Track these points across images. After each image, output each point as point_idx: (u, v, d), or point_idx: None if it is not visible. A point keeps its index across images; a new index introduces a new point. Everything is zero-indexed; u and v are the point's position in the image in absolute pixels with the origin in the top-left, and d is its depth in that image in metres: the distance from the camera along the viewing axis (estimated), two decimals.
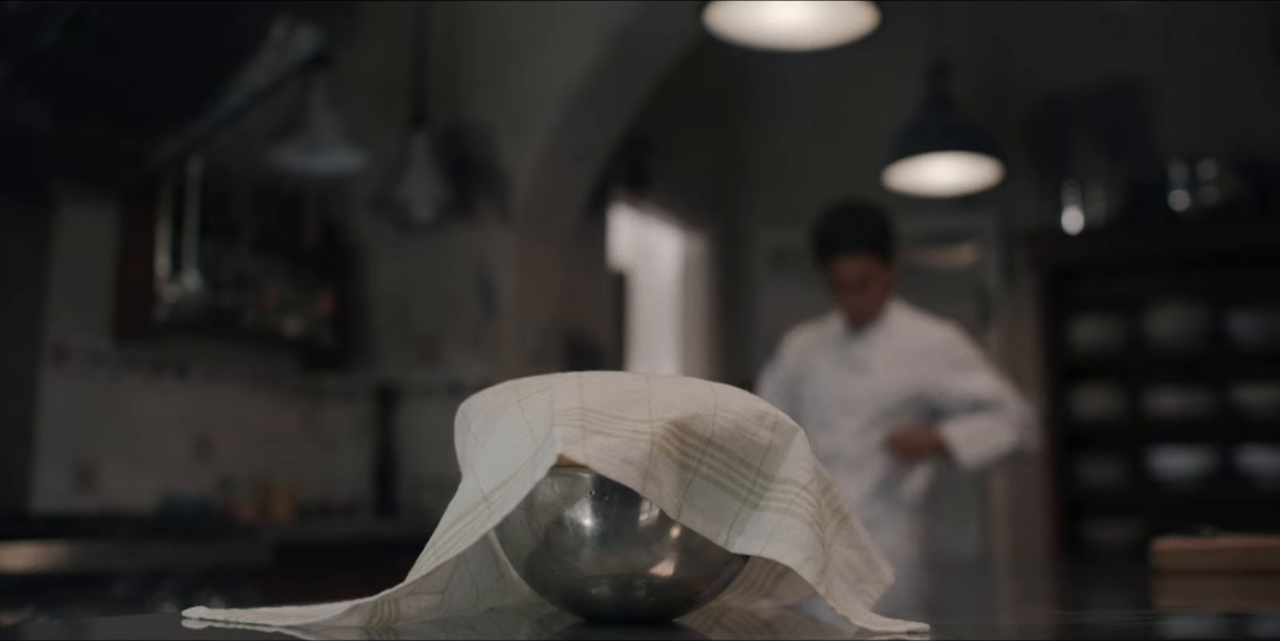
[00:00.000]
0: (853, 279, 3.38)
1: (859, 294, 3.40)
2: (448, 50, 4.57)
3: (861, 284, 3.40)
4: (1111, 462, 5.40)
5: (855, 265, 3.37)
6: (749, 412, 0.89)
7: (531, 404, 0.88)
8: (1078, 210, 5.53)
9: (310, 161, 3.96)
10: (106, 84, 3.08)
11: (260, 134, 3.92)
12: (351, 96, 4.07)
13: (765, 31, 3.29)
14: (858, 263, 3.37)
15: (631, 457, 0.81)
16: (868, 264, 3.37)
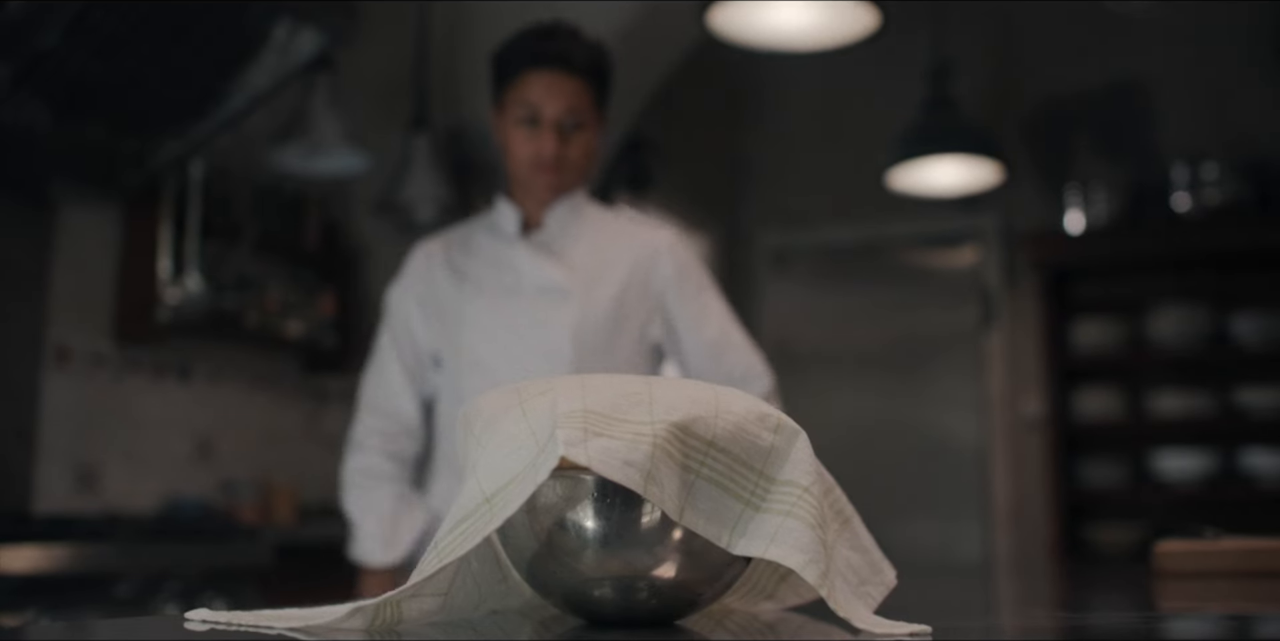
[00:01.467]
0: (556, 110, 2.22)
1: (559, 141, 2.23)
2: (449, 51, 4.57)
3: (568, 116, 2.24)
4: (1113, 464, 5.40)
5: (563, 86, 2.22)
6: (751, 414, 0.89)
7: (533, 406, 0.88)
8: (1079, 211, 5.53)
9: (312, 163, 3.96)
10: (108, 86, 3.08)
11: (262, 136, 3.92)
12: (353, 98, 4.07)
13: (767, 33, 3.29)
14: (567, 84, 2.23)
15: (633, 460, 0.81)
16: (580, 94, 2.24)
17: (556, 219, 2.34)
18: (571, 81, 2.25)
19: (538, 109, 2.23)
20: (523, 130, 2.25)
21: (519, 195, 2.35)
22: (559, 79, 2.24)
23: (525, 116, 2.24)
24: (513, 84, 2.27)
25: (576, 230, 2.37)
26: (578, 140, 2.27)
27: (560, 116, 2.23)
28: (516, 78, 2.26)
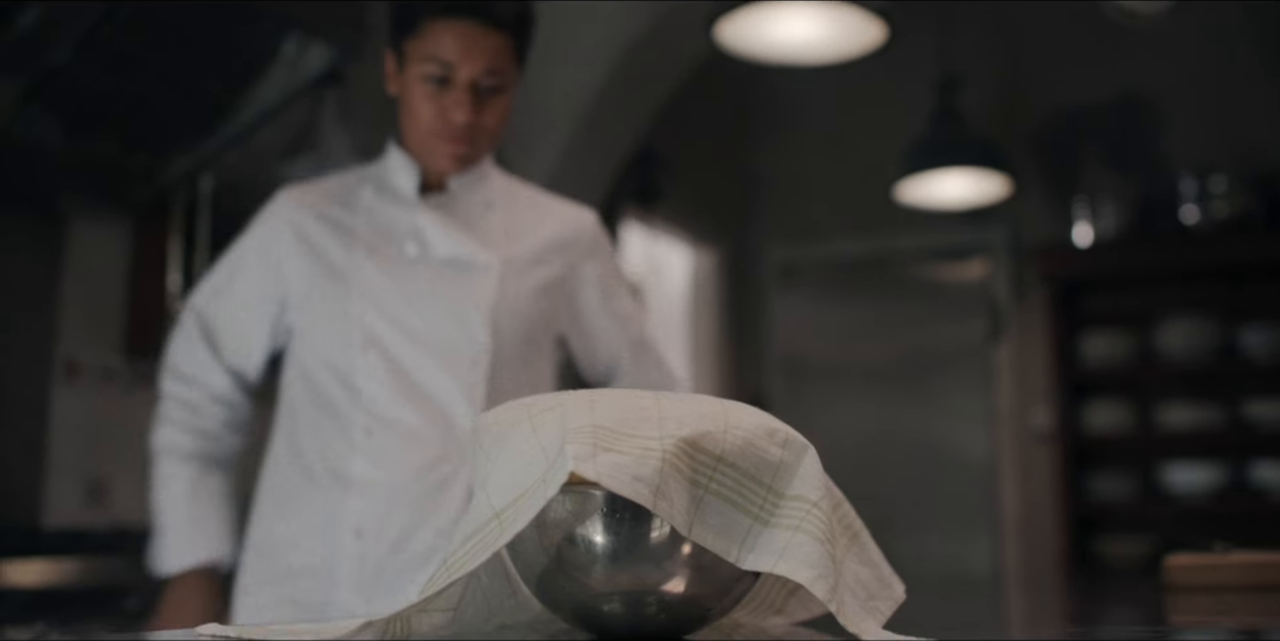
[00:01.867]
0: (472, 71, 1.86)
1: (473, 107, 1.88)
2: None
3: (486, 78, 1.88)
4: (1122, 477, 5.39)
5: (483, 42, 1.86)
6: (760, 429, 0.90)
7: (543, 421, 0.88)
8: (1088, 224, 5.52)
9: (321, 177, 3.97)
10: (119, 101, 3.09)
11: (272, 150, 3.93)
12: (362, 112, 4.08)
13: (774, 47, 3.30)
14: (487, 40, 1.87)
15: (643, 475, 0.82)
16: (501, 51, 1.89)
17: (462, 184, 1.98)
18: (493, 36, 1.87)
19: (450, 68, 1.85)
20: (428, 89, 1.88)
21: (415, 155, 1.97)
22: (478, 33, 1.86)
23: (433, 75, 1.86)
24: (420, 33, 1.88)
25: (484, 197, 2.01)
26: (494, 105, 1.91)
27: (477, 78, 1.87)
28: (424, 26, 1.87)
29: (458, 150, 1.91)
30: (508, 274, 1.94)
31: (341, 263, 1.92)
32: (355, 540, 1.86)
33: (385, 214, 1.96)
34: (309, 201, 1.99)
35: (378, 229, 1.95)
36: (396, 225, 1.95)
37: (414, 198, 1.96)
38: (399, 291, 1.90)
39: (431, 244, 1.94)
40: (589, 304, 2.07)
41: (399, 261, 1.92)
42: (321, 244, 1.94)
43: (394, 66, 1.95)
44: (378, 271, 1.91)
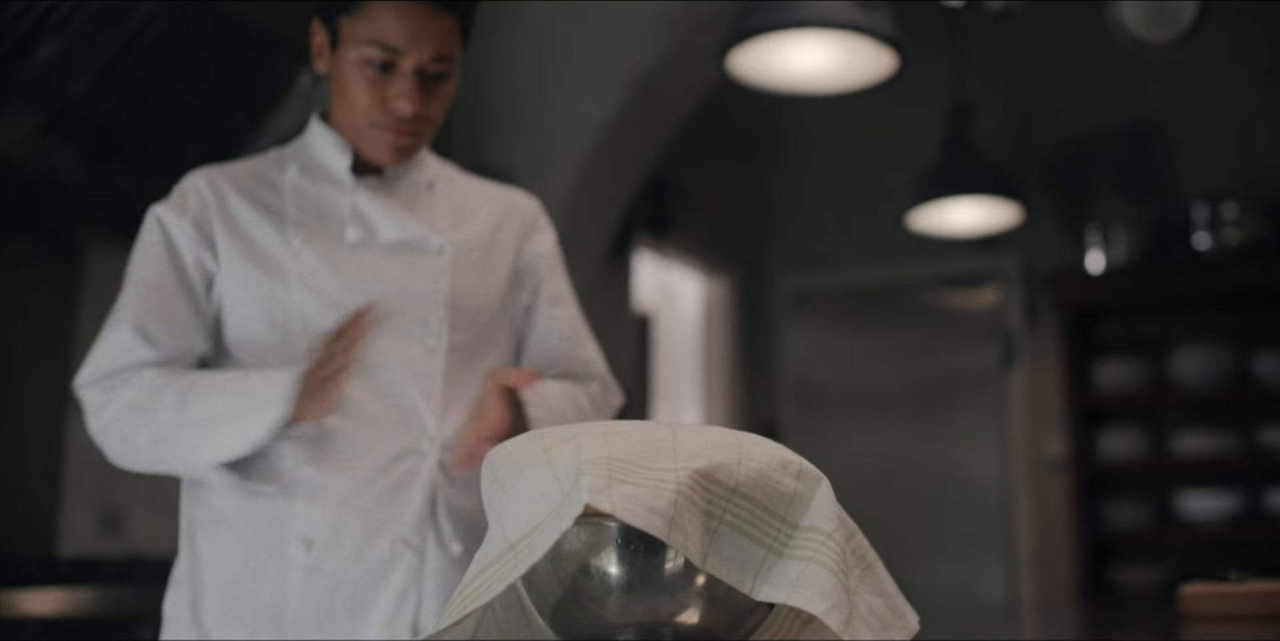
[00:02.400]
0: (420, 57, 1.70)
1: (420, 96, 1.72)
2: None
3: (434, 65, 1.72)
4: (1137, 505, 5.37)
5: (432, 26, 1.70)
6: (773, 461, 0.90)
7: (557, 454, 0.89)
8: (1100, 251, 5.53)
9: None
10: (135, 132, 3.12)
11: None
12: None
13: (786, 77, 3.32)
14: (437, 23, 1.70)
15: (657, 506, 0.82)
16: (450, 35, 1.73)
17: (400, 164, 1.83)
18: (442, 18, 1.70)
19: (395, 54, 1.68)
20: (368, 74, 1.70)
21: (349, 141, 1.79)
22: (429, 15, 1.69)
23: (375, 60, 1.68)
24: (360, 11, 1.69)
25: (423, 178, 1.86)
26: (440, 93, 1.75)
27: (424, 65, 1.70)
28: (370, 4, 1.68)
29: (400, 142, 1.75)
30: (459, 258, 1.80)
31: (274, 248, 1.73)
32: (304, 552, 1.67)
33: (315, 195, 1.78)
34: (228, 179, 1.78)
35: (308, 212, 1.76)
36: (331, 208, 1.77)
37: (348, 179, 1.78)
38: (341, 279, 1.73)
39: (376, 228, 1.76)
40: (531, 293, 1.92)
41: (338, 247, 1.75)
42: (248, 225, 1.74)
43: (324, 42, 1.76)
44: (316, 257, 1.73)
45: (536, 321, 1.91)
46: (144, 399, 1.67)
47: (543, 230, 1.96)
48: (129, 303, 1.74)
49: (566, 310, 1.95)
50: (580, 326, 1.97)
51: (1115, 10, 2.50)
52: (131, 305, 1.74)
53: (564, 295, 1.95)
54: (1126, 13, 2.50)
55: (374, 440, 1.71)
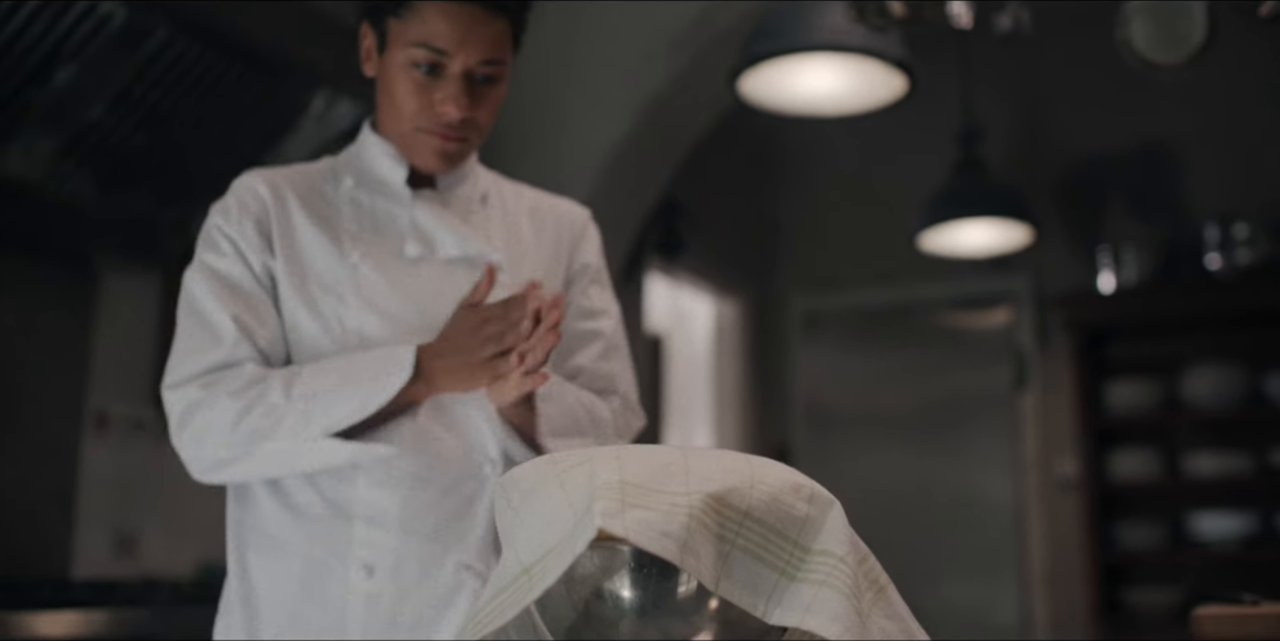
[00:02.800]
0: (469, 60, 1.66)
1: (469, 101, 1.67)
2: None
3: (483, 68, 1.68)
4: (1150, 526, 5.35)
5: (483, 29, 1.66)
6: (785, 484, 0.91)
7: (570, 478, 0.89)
8: (1111, 272, 5.53)
9: None
10: (151, 157, 3.14)
11: None
12: None
13: (797, 99, 3.33)
14: (488, 27, 1.67)
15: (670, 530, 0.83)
16: (502, 38, 1.70)
17: (452, 176, 1.80)
18: (493, 22, 1.66)
19: (444, 57, 1.64)
20: (416, 77, 1.66)
21: (396, 146, 1.75)
22: (479, 17, 1.65)
23: (424, 61, 1.65)
24: (409, 13, 1.65)
25: (476, 191, 1.83)
26: (489, 97, 1.70)
27: (473, 68, 1.66)
28: (419, 6, 1.65)
29: (447, 147, 1.71)
30: (515, 274, 1.74)
31: (331, 261, 1.69)
32: (365, 578, 1.60)
33: (371, 208, 1.74)
34: (287, 184, 1.73)
35: (364, 226, 1.72)
36: (387, 221, 1.73)
37: (405, 192, 1.75)
38: (399, 294, 1.68)
39: (435, 243, 1.72)
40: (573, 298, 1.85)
41: (397, 261, 1.70)
42: (305, 236, 1.69)
43: (373, 45, 1.74)
44: (374, 272, 1.69)
45: (567, 331, 1.81)
46: (247, 386, 1.60)
47: (589, 240, 1.91)
48: (211, 301, 1.66)
49: (601, 322, 1.87)
50: (613, 340, 1.88)
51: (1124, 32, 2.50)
52: (217, 303, 1.65)
53: (599, 307, 1.88)
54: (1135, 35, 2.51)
55: (436, 463, 1.65)
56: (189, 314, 1.67)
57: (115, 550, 3.57)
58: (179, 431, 1.63)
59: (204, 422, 1.60)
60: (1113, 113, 5.77)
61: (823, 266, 6.38)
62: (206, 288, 1.66)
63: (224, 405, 1.59)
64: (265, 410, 1.58)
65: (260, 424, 1.58)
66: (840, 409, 6.27)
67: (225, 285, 1.66)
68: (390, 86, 1.70)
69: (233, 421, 1.58)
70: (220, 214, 1.72)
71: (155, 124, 3.06)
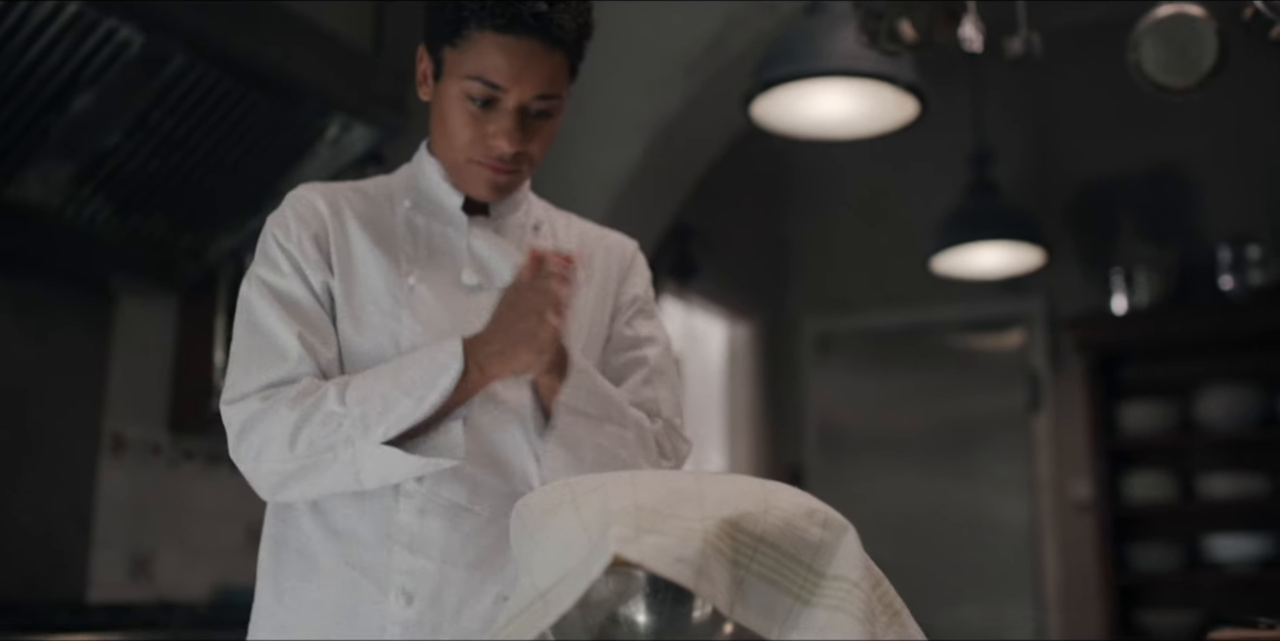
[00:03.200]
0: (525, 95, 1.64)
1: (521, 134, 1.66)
2: None
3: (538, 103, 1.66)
4: (1165, 548, 5.33)
5: (540, 64, 1.64)
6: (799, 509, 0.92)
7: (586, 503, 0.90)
8: (1124, 294, 5.52)
9: None
10: (167, 183, 3.17)
11: None
12: None
13: (809, 123, 3.35)
14: (546, 61, 1.64)
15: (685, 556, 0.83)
16: (558, 72, 1.67)
17: (505, 203, 1.78)
18: (552, 57, 1.64)
19: (499, 90, 1.62)
20: (469, 109, 1.64)
21: (448, 172, 1.74)
22: (536, 52, 1.62)
23: (479, 94, 1.63)
24: (466, 44, 1.63)
25: (524, 218, 1.81)
26: (543, 131, 1.69)
27: (528, 103, 1.64)
28: (472, 36, 1.62)
29: (498, 179, 1.69)
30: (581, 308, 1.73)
31: (388, 280, 1.67)
32: (404, 606, 1.57)
33: (428, 231, 1.72)
34: (345, 200, 1.71)
35: (420, 248, 1.70)
36: (443, 245, 1.71)
37: (461, 217, 1.73)
38: (453, 316, 1.66)
39: (491, 272, 1.70)
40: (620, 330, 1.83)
41: (453, 287, 1.69)
42: (363, 254, 1.68)
43: (429, 70, 1.71)
44: (430, 294, 1.67)
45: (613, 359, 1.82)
46: (303, 395, 1.57)
47: (638, 271, 1.88)
48: (274, 319, 1.63)
49: (646, 350, 1.83)
50: (658, 366, 1.84)
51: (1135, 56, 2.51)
52: (279, 321, 1.62)
53: (644, 336, 1.84)
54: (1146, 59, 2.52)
55: (478, 492, 1.62)
56: (249, 331, 1.65)
57: (131, 573, 3.58)
58: (238, 445, 1.60)
59: (263, 434, 1.57)
60: (1124, 134, 5.78)
61: (835, 289, 6.39)
62: (267, 305, 1.64)
63: (281, 415, 1.56)
64: (323, 418, 1.55)
65: (318, 433, 1.55)
66: (854, 431, 6.27)
67: (286, 303, 1.64)
68: (444, 115, 1.68)
69: (291, 433, 1.55)
70: (279, 227, 1.68)
71: (171, 149, 3.08)
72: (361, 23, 3.95)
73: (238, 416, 1.59)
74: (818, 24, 3.08)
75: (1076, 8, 4.88)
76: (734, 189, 5.98)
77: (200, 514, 3.84)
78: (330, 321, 1.65)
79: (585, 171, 4.44)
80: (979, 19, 2.45)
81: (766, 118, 3.27)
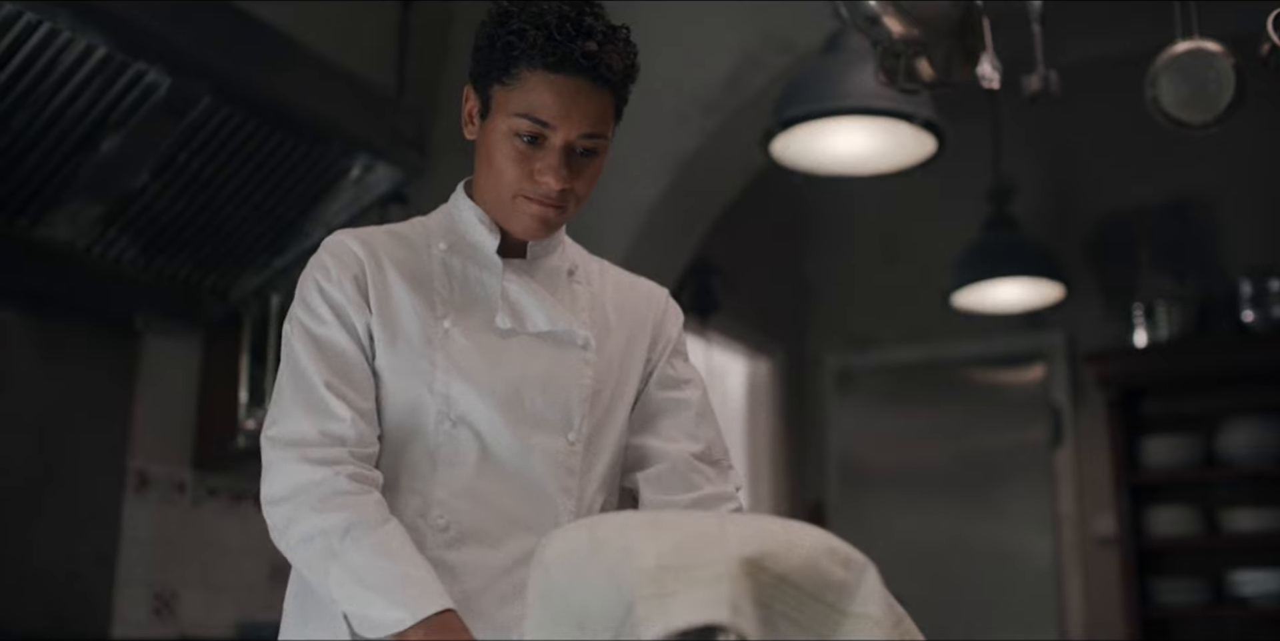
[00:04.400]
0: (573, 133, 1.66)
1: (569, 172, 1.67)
2: None
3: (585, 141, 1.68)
4: (1189, 583, 5.30)
5: (589, 102, 1.66)
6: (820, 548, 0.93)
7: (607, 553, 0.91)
8: (1145, 328, 5.51)
9: None
10: (192, 222, 3.20)
11: None
12: None
13: (828, 160, 3.37)
14: (594, 100, 1.66)
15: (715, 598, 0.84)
16: (605, 111, 1.69)
17: (541, 247, 1.78)
18: (599, 96, 1.66)
19: (546, 128, 1.65)
20: (517, 146, 1.66)
21: (492, 211, 1.75)
22: (585, 91, 1.65)
23: (527, 131, 1.65)
24: (515, 82, 1.65)
25: (560, 263, 1.81)
26: (589, 169, 1.70)
27: (574, 142, 1.66)
28: (522, 75, 1.64)
29: (545, 214, 1.68)
30: (601, 348, 1.76)
31: (423, 322, 1.68)
32: None
33: (464, 274, 1.73)
34: (380, 244, 1.73)
35: (456, 290, 1.72)
36: (479, 288, 1.72)
37: (496, 260, 1.73)
38: (486, 361, 1.68)
39: (525, 317, 1.72)
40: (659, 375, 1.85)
41: (488, 331, 1.70)
42: (400, 295, 1.69)
43: (475, 109, 1.73)
44: (464, 337, 1.68)
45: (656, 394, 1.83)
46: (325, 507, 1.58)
47: (671, 318, 1.90)
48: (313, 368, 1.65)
49: (687, 392, 1.86)
50: (704, 409, 1.87)
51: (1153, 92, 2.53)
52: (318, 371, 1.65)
53: (684, 377, 1.87)
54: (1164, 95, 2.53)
55: (507, 535, 1.64)
56: (291, 375, 1.67)
57: (155, 610, 3.60)
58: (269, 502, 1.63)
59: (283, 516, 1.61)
60: (1143, 169, 5.79)
61: (856, 324, 6.39)
62: (307, 352, 1.66)
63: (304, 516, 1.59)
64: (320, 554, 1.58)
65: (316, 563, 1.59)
66: (875, 467, 6.26)
67: (327, 353, 1.66)
68: (490, 152, 1.70)
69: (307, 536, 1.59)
70: (320, 272, 1.70)
71: (197, 190, 3.12)
72: (384, 64, 4.00)
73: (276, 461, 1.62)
74: (836, 62, 3.11)
75: (1094, 44, 4.90)
76: (754, 225, 6.00)
77: (224, 551, 3.85)
78: (369, 368, 1.67)
79: (606, 208, 4.47)
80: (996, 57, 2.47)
81: (786, 155, 3.30)
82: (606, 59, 1.64)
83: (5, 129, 2.75)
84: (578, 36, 1.61)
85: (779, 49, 4.15)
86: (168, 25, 2.81)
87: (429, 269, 1.73)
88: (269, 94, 3.07)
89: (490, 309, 1.71)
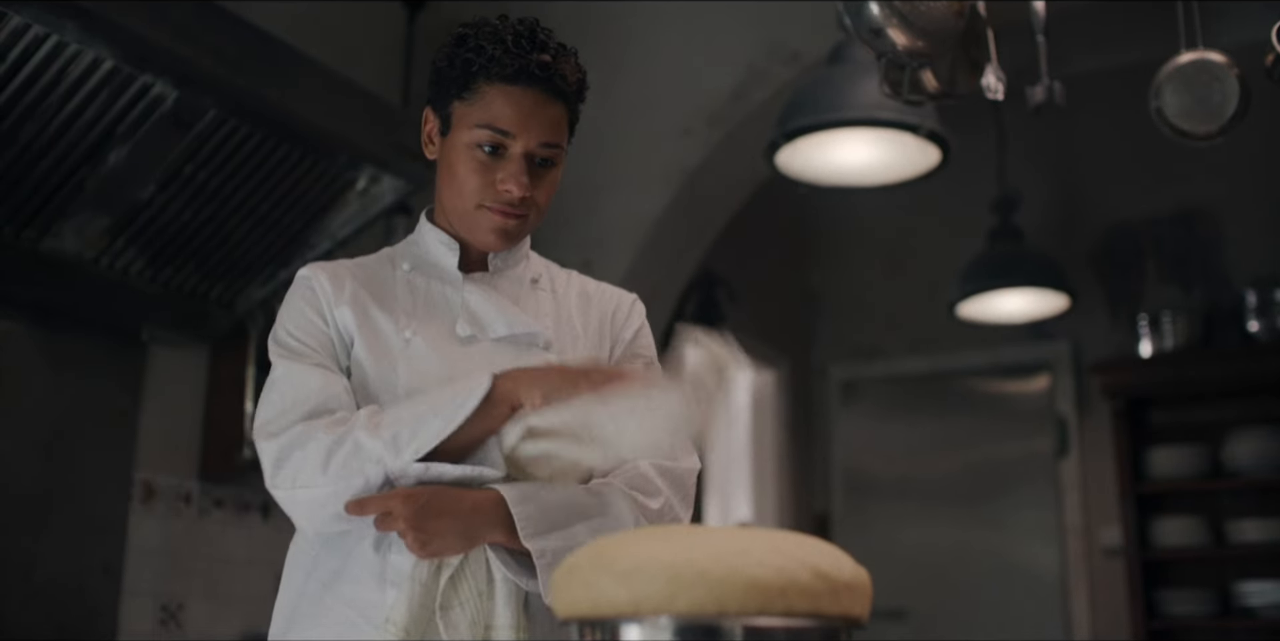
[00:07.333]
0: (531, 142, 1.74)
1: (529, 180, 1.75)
2: None
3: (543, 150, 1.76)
4: (1196, 593, 5.29)
5: (544, 113, 1.74)
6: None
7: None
8: (1150, 338, 5.52)
9: None
10: (199, 234, 3.21)
11: None
12: None
13: (833, 171, 3.38)
14: (549, 110, 1.75)
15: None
16: (560, 122, 1.77)
17: (504, 260, 1.86)
18: (553, 106, 1.75)
19: (507, 137, 1.72)
20: (479, 156, 1.74)
21: (454, 226, 1.82)
22: (541, 102, 1.73)
23: (487, 141, 1.73)
24: (474, 97, 1.73)
25: (523, 273, 1.89)
26: (547, 179, 1.78)
27: (534, 150, 1.74)
28: (480, 89, 1.73)
29: (506, 224, 1.76)
30: (563, 354, 1.81)
31: (387, 335, 1.75)
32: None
33: (426, 289, 1.81)
34: (345, 271, 1.82)
35: (419, 304, 1.79)
36: (441, 301, 1.80)
37: (457, 275, 1.82)
38: (451, 369, 1.72)
39: (485, 323, 1.78)
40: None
41: (448, 339, 1.76)
42: (367, 308, 1.76)
43: (435, 129, 1.82)
44: (426, 346, 1.74)
45: None
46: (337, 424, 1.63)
47: (634, 320, 1.95)
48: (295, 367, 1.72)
49: None
50: None
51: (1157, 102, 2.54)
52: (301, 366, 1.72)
53: None
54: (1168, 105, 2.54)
55: None
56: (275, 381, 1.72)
57: (161, 621, 3.60)
58: (275, 473, 1.65)
59: (299, 460, 1.63)
60: (1148, 179, 5.80)
61: (861, 335, 6.40)
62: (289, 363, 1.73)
63: (318, 439, 1.62)
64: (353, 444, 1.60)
65: (348, 457, 1.60)
66: (880, 477, 6.26)
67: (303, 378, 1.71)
68: (453, 166, 1.76)
69: (324, 457, 1.61)
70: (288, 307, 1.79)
71: (204, 202, 3.13)
72: (389, 76, 4.01)
73: (274, 445, 1.65)
74: (840, 74, 3.12)
75: (1098, 55, 4.91)
76: (759, 237, 6.01)
77: (230, 562, 3.85)
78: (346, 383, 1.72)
79: (612, 220, 4.48)
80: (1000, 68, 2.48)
81: (790, 166, 3.30)
82: (561, 70, 1.73)
83: (13, 141, 2.75)
84: (533, 50, 1.71)
85: (783, 61, 4.16)
86: (174, 37, 2.82)
87: (393, 287, 1.81)
88: (275, 106, 3.07)
89: (452, 319, 1.78)
